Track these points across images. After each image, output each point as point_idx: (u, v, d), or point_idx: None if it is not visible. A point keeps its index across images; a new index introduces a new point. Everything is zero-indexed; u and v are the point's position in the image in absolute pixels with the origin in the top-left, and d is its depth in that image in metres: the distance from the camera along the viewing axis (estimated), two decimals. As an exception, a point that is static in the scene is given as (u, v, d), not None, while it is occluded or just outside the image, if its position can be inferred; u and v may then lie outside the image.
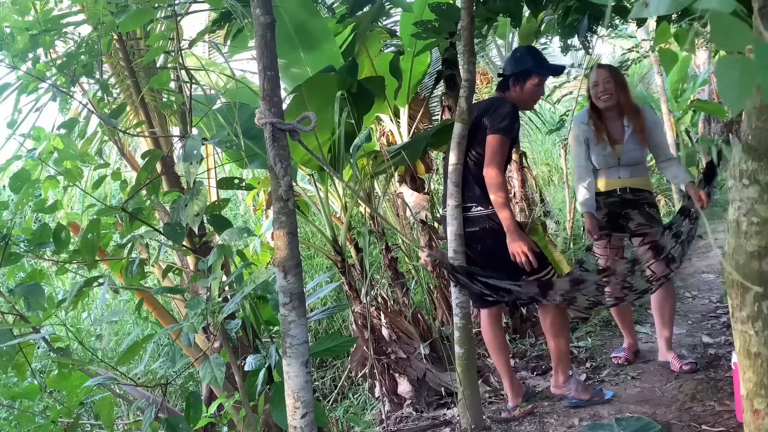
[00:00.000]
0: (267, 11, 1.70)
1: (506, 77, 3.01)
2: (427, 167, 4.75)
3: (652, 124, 3.28)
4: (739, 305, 1.45)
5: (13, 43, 2.28)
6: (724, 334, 3.74)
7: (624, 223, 3.33)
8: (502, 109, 2.85)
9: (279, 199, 1.70)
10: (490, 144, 2.81)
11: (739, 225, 1.43)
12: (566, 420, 2.94)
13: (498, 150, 2.80)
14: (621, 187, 3.33)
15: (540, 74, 2.98)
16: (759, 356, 1.43)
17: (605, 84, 3.20)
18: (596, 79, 3.23)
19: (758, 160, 1.39)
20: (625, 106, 3.23)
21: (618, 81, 3.24)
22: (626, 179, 3.32)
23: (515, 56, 3.02)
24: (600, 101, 3.22)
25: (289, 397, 1.71)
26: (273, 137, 1.70)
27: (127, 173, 3.42)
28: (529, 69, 2.95)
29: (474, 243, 2.86)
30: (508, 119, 2.82)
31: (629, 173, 3.31)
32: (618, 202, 3.33)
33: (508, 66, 3.02)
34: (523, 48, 3.13)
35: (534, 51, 3.09)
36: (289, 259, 1.71)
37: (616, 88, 3.20)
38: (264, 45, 1.70)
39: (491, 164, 2.79)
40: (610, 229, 3.36)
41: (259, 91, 1.75)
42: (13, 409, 2.95)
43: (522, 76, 2.96)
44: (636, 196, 3.32)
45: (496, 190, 2.77)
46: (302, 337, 1.71)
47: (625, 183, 3.33)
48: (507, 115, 2.83)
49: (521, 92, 2.98)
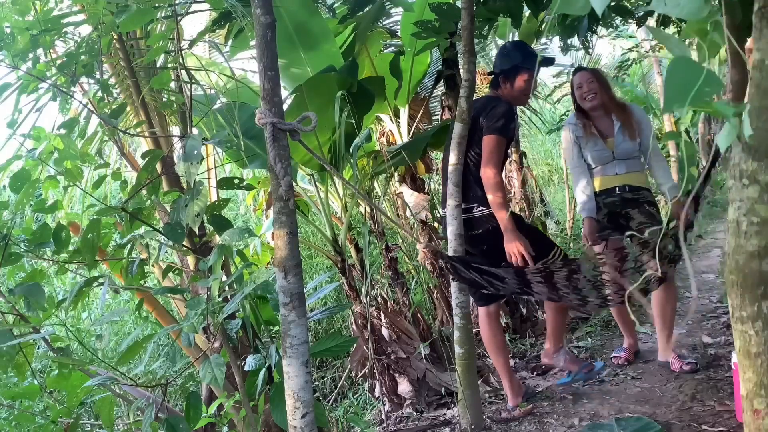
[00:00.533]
0: (267, 11, 1.70)
1: (496, 75, 3.01)
2: (427, 167, 4.75)
3: (639, 118, 3.29)
4: (739, 305, 1.45)
5: (14, 42, 2.28)
6: (724, 334, 3.74)
7: (624, 223, 3.31)
8: (498, 108, 2.85)
9: (279, 199, 1.71)
10: (487, 144, 2.81)
11: (739, 225, 1.43)
12: (566, 420, 2.94)
13: (495, 150, 2.80)
14: (620, 185, 3.32)
15: (529, 69, 2.96)
16: (759, 356, 1.43)
17: (589, 84, 3.23)
18: (579, 81, 3.27)
19: (758, 160, 1.39)
20: (610, 103, 3.27)
21: (600, 81, 3.27)
22: (623, 175, 3.31)
23: (503, 53, 3.02)
24: (585, 101, 3.26)
25: (289, 397, 1.71)
26: (273, 137, 1.70)
27: (127, 173, 3.42)
28: (518, 65, 2.94)
29: (478, 244, 2.86)
30: (504, 119, 2.82)
31: (626, 168, 3.30)
32: (618, 202, 3.33)
33: (498, 63, 3.02)
34: (510, 44, 3.13)
35: (522, 46, 3.08)
36: (289, 258, 1.71)
37: (600, 87, 3.24)
38: (264, 45, 1.70)
39: (488, 164, 2.79)
40: (610, 230, 3.35)
41: (259, 91, 1.76)
42: (13, 409, 2.95)
43: (511, 72, 2.95)
44: (636, 194, 3.31)
45: (494, 190, 2.77)
46: (302, 337, 1.71)
47: (623, 180, 3.32)
48: (503, 115, 2.82)
49: (512, 89, 2.98)
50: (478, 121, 2.87)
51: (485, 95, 3.10)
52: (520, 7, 3.45)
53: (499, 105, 2.87)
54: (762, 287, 1.41)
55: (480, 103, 2.97)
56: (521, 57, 2.95)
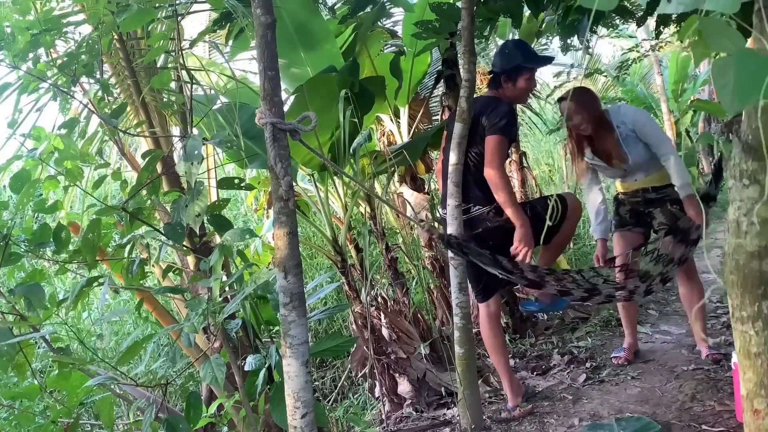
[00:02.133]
0: (267, 11, 1.70)
1: (497, 74, 3.00)
2: (427, 167, 4.75)
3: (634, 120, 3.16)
4: (739, 305, 1.45)
5: (14, 42, 2.28)
6: (724, 334, 3.74)
7: (648, 220, 3.32)
8: (500, 108, 2.85)
9: (279, 199, 1.71)
10: (490, 145, 2.81)
11: (739, 225, 1.43)
12: (566, 420, 2.94)
13: (498, 150, 2.81)
14: (642, 188, 3.30)
15: (530, 68, 2.97)
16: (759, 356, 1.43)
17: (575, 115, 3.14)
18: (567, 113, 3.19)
19: (758, 160, 1.39)
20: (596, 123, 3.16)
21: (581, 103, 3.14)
22: (643, 180, 3.29)
23: (504, 52, 3.00)
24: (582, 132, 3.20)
25: (289, 397, 1.71)
26: (273, 137, 1.70)
27: (127, 173, 3.42)
28: (520, 65, 2.93)
29: (479, 244, 2.85)
30: (506, 119, 2.82)
31: (644, 173, 3.26)
32: (641, 201, 3.32)
33: (498, 62, 3.00)
34: (511, 43, 3.11)
35: (522, 45, 3.06)
36: (290, 258, 1.71)
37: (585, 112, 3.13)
38: (264, 45, 1.70)
39: (491, 165, 2.79)
40: (632, 224, 3.36)
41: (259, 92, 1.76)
42: (13, 409, 2.94)
43: (513, 72, 2.94)
44: (659, 193, 3.26)
45: (500, 189, 2.78)
46: (302, 337, 1.71)
47: (644, 184, 3.30)
48: (505, 115, 2.82)
49: (514, 88, 2.97)
50: (480, 121, 2.87)
51: (485, 95, 3.09)
52: (521, 7, 3.45)
53: (501, 105, 2.87)
54: (762, 287, 1.41)
55: (480, 102, 2.96)
56: (522, 56, 2.94)
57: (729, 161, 1.47)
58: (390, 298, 3.87)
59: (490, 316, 3.08)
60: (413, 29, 3.57)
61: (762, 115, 1.37)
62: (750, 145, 1.40)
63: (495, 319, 3.09)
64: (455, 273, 2.84)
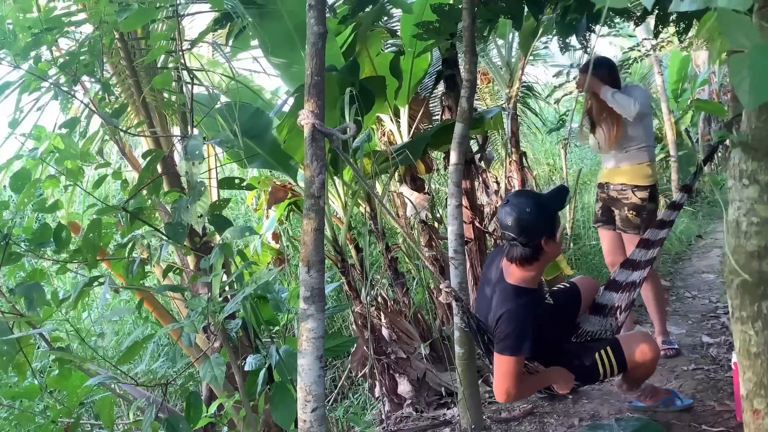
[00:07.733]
0: (320, 22, 1.81)
1: (522, 258, 2.39)
2: (427, 167, 4.75)
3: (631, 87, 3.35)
4: (739, 305, 1.46)
5: (15, 41, 2.28)
6: (724, 334, 3.74)
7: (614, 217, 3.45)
8: (510, 324, 2.38)
9: (311, 196, 1.76)
10: (499, 365, 2.42)
11: (739, 225, 1.43)
12: (566, 420, 2.94)
13: (509, 372, 2.40)
14: (605, 182, 3.44)
15: (555, 230, 2.40)
16: (759, 356, 1.43)
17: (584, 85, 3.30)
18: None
19: (758, 160, 1.39)
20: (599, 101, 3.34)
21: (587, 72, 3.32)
22: (610, 171, 3.40)
23: (521, 221, 2.34)
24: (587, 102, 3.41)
25: (301, 390, 1.72)
26: (312, 138, 1.77)
27: (127, 173, 3.42)
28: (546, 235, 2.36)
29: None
30: (513, 336, 2.37)
31: (614, 162, 3.37)
32: (606, 198, 3.47)
33: (516, 233, 2.36)
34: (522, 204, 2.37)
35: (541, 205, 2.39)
36: (314, 254, 1.74)
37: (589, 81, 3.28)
38: (315, 53, 1.80)
39: (501, 386, 2.42)
40: (603, 222, 3.51)
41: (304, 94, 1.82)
42: (13, 409, 2.94)
43: (539, 248, 2.37)
44: (620, 195, 3.38)
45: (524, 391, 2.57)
46: (319, 331, 1.73)
47: (607, 177, 3.43)
48: (513, 332, 2.38)
49: (546, 261, 2.46)
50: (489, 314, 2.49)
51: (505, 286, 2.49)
52: (521, 8, 3.44)
53: (512, 320, 2.38)
54: (762, 287, 1.42)
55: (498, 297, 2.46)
56: (544, 221, 2.37)
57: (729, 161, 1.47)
58: (390, 298, 3.87)
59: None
60: (412, 29, 3.57)
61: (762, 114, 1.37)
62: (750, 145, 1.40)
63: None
64: (455, 273, 2.84)
